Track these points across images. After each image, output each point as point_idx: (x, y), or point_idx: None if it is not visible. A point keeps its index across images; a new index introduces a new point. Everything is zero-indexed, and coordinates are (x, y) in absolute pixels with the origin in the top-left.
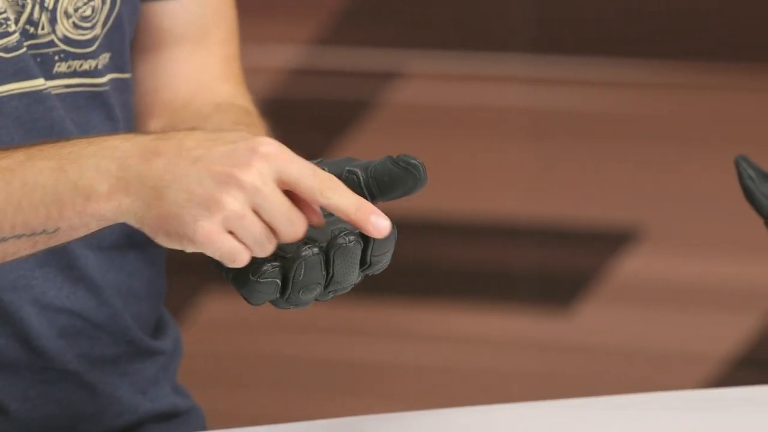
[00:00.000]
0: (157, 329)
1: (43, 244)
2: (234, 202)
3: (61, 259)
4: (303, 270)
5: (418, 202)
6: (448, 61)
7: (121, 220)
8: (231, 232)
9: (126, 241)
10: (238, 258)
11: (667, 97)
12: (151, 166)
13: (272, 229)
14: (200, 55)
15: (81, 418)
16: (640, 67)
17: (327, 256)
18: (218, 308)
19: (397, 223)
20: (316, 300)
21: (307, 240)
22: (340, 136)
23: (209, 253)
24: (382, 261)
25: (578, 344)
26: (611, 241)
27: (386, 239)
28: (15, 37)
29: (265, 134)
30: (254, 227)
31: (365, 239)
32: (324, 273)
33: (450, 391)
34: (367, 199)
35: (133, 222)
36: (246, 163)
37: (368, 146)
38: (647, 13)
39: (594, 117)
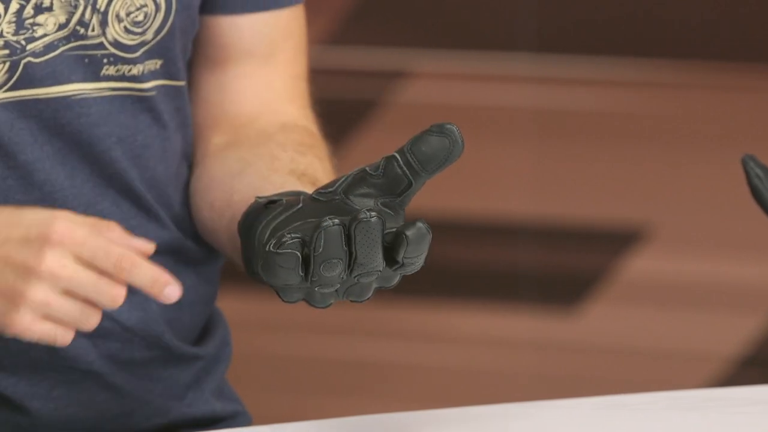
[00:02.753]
0: (202, 335)
1: None
2: (36, 293)
3: None
4: (323, 240)
5: (428, 202)
6: (453, 60)
7: None
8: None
9: (165, 249)
10: (59, 338)
11: (672, 96)
12: None
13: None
14: (266, 73)
15: (105, 420)
16: (644, 67)
17: (348, 231)
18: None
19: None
20: (349, 296)
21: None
22: (346, 136)
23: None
24: (416, 263)
25: (583, 344)
26: (616, 241)
27: (421, 241)
28: (43, 41)
29: (325, 156)
30: (65, 307)
31: (402, 243)
32: (345, 249)
33: (452, 391)
34: (409, 181)
35: None
36: (39, 252)
37: (374, 145)
38: (650, 13)
39: (599, 116)
